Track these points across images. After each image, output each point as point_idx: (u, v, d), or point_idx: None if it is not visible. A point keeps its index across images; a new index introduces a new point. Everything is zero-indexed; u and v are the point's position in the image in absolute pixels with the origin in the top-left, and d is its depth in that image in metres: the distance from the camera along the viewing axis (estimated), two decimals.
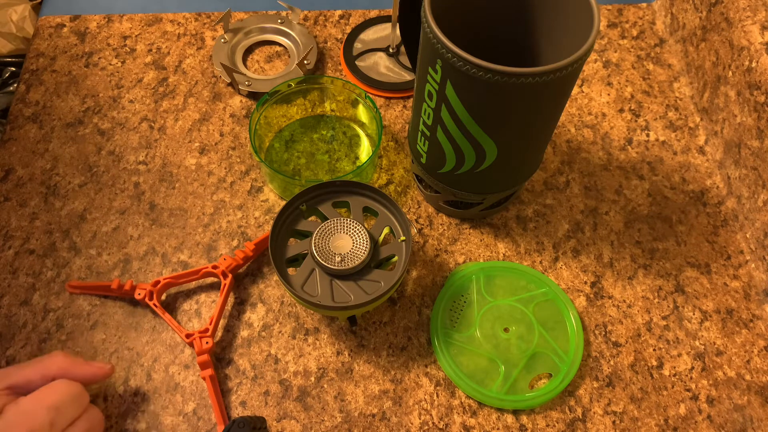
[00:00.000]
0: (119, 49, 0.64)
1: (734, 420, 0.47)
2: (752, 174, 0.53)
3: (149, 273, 0.52)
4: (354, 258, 0.45)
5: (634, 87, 0.63)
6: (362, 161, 0.57)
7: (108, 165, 0.57)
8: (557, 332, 0.49)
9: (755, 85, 0.52)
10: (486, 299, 0.50)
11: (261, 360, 0.48)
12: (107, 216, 0.54)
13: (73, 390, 0.40)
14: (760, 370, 0.49)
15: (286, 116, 0.59)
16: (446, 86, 0.41)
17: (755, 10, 0.54)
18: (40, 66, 0.63)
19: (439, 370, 0.48)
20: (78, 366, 0.42)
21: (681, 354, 0.49)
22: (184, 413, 0.46)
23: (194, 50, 0.64)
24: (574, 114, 0.61)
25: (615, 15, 0.68)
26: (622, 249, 0.54)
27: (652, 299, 0.52)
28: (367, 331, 0.50)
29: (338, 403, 0.47)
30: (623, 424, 0.47)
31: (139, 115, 0.60)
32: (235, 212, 0.55)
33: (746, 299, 0.52)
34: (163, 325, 0.50)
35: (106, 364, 0.44)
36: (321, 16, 0.67)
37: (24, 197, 0.55)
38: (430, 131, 0.46)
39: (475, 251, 0.53)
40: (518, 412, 0.47)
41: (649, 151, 0.59)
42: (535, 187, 0.57)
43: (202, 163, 0.57)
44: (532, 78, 0.37)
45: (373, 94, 0.62)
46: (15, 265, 0.52)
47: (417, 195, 0.56)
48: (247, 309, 0.50)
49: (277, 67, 0.64)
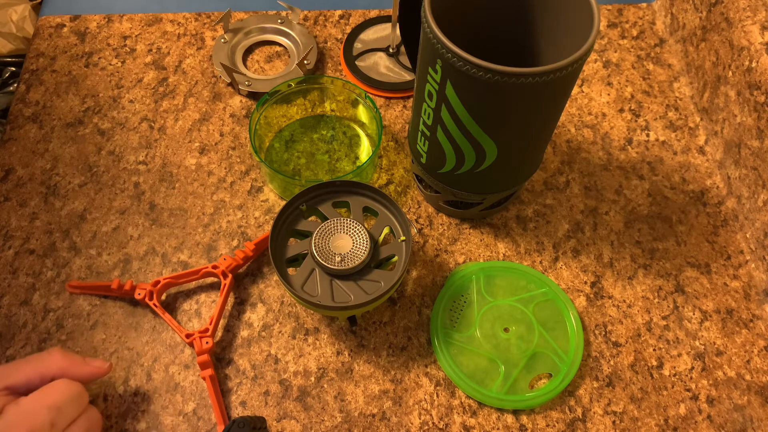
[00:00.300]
0: (119, 49, 0.64)
1: (734, 420, 0.47)
2: (752, 174, 0.53)
3: (149, 273, 0.52)
4: (354, 258, 0.45)
5: (634, 87, 0.63)
6: (362, 161, 0.57)
7: (108, 165, 0.57)
8: (557, 332, 0.49)
9: (755, 85, 0.52)
10: (486, 299, 0.50)
11: (261, 360, 0.48)
12: (107, 216, 0.54)
13: (74, 390, 0.40)
14: (760, 370, 0.49)
15: (286, 116, 0.59)
16: (446, 86, 0.41)
17: (755, 10, 0.54)
18: (40, 66, 0.63)
19: (439, 370, 0.48)
20: (76, 366, 0.42)
21: (681, 354, 0.49)
22: (184, 413, 0.46)
23: (194, 50, 0.64)
24: (574, 114, 0.61)
25: (615, 15, 0.68)
26: (622, 249, 0.54)
27: (652, 299, 0.52)
28: (367, 331, 0.50)
29: (338, 403, 0.47)
30: (623, 424, 0.47)
31: (139, 115, 0.60)
32: (235, 212, 0.55)
33: (746, 299, 0.52)
34: (163, 325, 0.50)
35: (104, 363, 0.44)
36: (321, 16, 0.67)
37: (24, 197, 0.55)
38: (430, 131, 0.46)
39: (475, 251, 0.53)
40: (518, 412, 0.47)
41: (649, 151, 0.59)
42: (535, 187, 0.57)
43: (202, 163, 0.57)
44: (532, 78, 0.37)
45: (373, 94, 0.62)
46: (15, 265, 0.52)
47: (417, 195, 0.56)
48: (247, 309, 0.50)
49: (277, 67, 0.64)
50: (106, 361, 0.44)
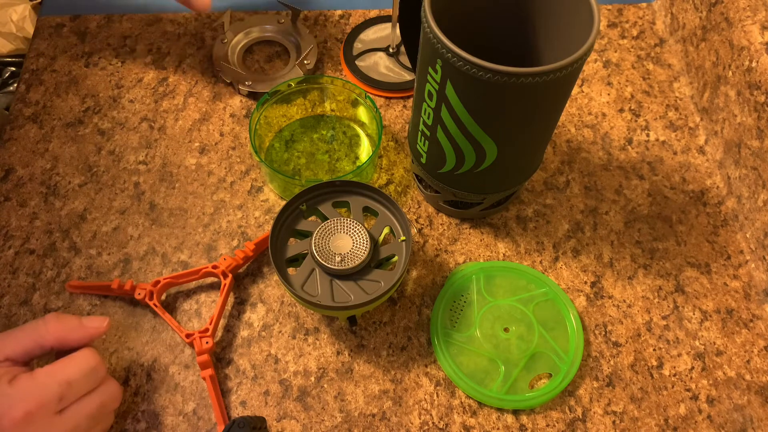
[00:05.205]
0: (119, 49, 0.64)
1: (734, 420, 0.47)
2: (752, 174, 0.53)
3: (149, 273, 0.52)
4: (354, 258, 0.45)
5: (634, 87, 0.63)
6: (362, 161, 0.57)
7: (108, 165, 0.57)
8: (557, 332, 0.49)
9: (755, 85, 0.52)
10: (486, 299, 0.50)
11: (261, 360, 0.48)
12: (107, 216, 0.54)
13: (90, 364, 0.40)
14: (760, 370, 0.49)
15: (286, 116, 0.59)
16: (446, 86, 0.41)
17: (755, 10, 0.54)
18: (40, 66, 0.63)
19: (439, 370, 0.48)
20: (73, 330, 0.42)
21: (681, 354, 0.49)
22: (184, 413, 0.46)
23: (194, 50, 0.64)
24: (574, 114, 0.61)
25: (615, 15, 0.68)
26: (622, 249, 0.54)
27: (652, 299, 0.52)
28: (367, 331, 0.50)
29: (338, 403, 0.47)
30: (623, 424, 0.47)
31: (139, 115, 0.60)
32: (235, 212, 0.55)
33: (746, 299, 0.52)
34: (163, 325, 0.50)
35: (101, 321, 0.43)
36: (321, 16, 0.67)
37: (24, 197, 0.55)
38: (430, 131, 0.46)
39: (475, 251, 0.53)
40: (518, 412, 0.47)
41: (649, 151, 0.59)
42: (535, 187, 0.57)
43: (202, 163, 0.57)
44: (532, 78, 0.37)
45: (373, 94, 0.62)
46: (15, 265, 0.52)
47: (417, 195, 0.56)
48: (247, 309, 0.50)
49: (277, 67, 0.64)
50: (103, 318, 0.44)
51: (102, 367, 0.41)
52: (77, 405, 0.39)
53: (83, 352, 0.41)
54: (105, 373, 0.42)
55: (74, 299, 0.50)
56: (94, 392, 0.41)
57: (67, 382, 0.39)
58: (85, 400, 0.40)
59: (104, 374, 0.42)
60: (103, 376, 0.41)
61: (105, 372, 0.42)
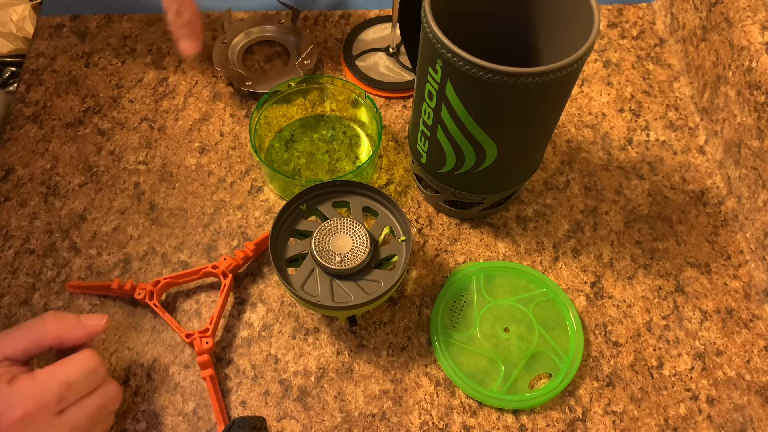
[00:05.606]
0: (119, 49, 0.64)
1: (734, 420, 0.47)
2: (752, 174, 0.53)
3: (149, 273, 0.52)
4: (354, 258, 0.45)
5: (634, 87, 0.63)
6: (362, 161, 0.57)
7: (108, 165, 0.57)
8: (557, 332, 0.49)
9: (755, 85, 0.52)
10: (486, 299, 0.50)
11: (261, 360, 0.48)
12: (107, 216, 0.54)
13: (90, 364, 0.40)
14: (760, 370, 0.49)
15: (286, 116, 0.59)
16: (446, 86, 0.41)
17: (755, 10, 0.54)
18: (40, 66, 0.63)
19: (439, 370, 0.48)
20: (71, 329, 0.42)
21: (681, 354, 0.49)
22: (184, 413, 0.46)
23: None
24: (574, 114, 0.61)
25: (615, 15, 0.68)
26: (622, 249, 0.54)
27: (652, 299, 0.52)
28: (367, 331, 0.50)
29: (338, 403, 0.47)
30: (623, 424, 0.47)
31: (139, 115, 0.60)
32: (235, 212, 0.55)
33: (746, 299, 0.52)
34: (163, 325, 0.50)
35: (100, 319, 0.43)
36: (321, 16, 0.67)
37: (24, 197, 0.55)
38: (430, 131, 0.46)
39: (475, 251, 0.53)
40: (518, 412, 0.47)
41: (649, 151, 0.59)
42: (535, 187, 0.57)
43: (202, 163, 0.57)
44: (532, 78, 0.37)
45: (373, 94, 0.62)
46: (15, 265, 0.52)
47: (417, 195, 0.56)
48: (247, 309, 0.50)
49: (277, 67, 0.64)
50: (102, 316, 0.43)
51: (102, 368, 0.41)
52: (77, 406, 0.39)
53: (83, 353, 0.41)
54: (105, 374, 0.42)
55: (74, 299, 0.50)
56: (93, 393, 0.40)
57: (67, 383, 0.39)
58: (84, 401, 0.40)
59: (104, 375, 0.41)
60: (103, 377, 0.41)
61: (105, 373, 0.42)
